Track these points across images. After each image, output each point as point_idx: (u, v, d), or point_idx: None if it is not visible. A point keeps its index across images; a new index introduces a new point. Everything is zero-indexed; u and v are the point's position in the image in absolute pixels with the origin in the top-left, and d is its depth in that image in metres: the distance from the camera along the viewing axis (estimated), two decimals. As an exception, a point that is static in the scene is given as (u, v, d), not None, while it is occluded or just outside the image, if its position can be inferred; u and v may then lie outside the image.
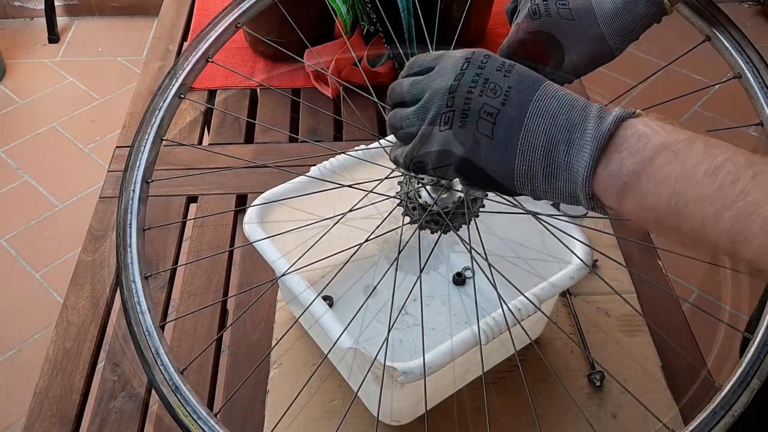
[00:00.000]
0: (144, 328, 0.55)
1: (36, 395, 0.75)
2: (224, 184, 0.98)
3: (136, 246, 0.58)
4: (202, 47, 0.63)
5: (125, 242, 0.58)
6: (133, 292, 0.56)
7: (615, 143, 0.42)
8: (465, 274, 0.85)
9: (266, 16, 1.10)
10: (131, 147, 0.61)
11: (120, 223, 0.59)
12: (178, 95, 0.62)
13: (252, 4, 0.66)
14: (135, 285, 0.56)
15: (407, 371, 0.58)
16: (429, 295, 0.83)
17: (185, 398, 0.52)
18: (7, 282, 1.87)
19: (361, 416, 0.72)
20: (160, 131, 0.62)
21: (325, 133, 1.08)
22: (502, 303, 0.59)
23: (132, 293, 0.56)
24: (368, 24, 1.13)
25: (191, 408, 0.52)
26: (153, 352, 0.54)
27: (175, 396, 0.52)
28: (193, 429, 0.51)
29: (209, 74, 1.19)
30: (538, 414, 0.72)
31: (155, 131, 0.61)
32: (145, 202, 0.60)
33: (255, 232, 0.69)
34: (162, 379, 0.53)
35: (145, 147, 0.60)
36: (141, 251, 0.58)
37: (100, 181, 0.97)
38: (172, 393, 0.52)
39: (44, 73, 2.54)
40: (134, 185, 0.60)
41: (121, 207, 0.59)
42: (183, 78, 0.62)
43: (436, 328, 0.80)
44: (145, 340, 0.54)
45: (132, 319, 0.55)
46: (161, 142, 0.62)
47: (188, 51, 0.64)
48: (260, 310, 0.83)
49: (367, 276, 0.81)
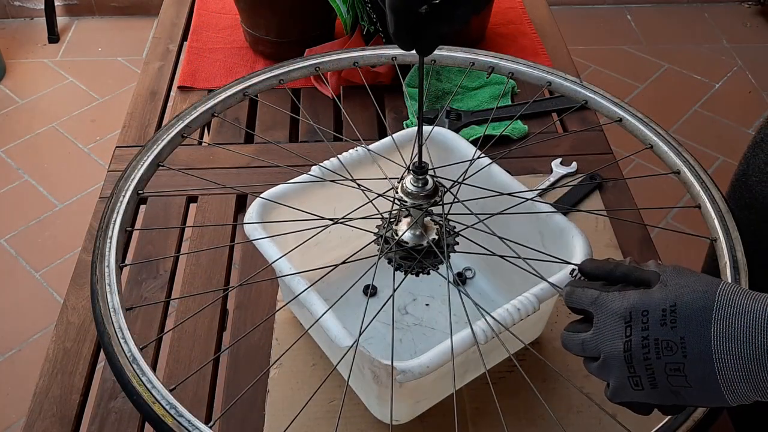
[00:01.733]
0: (110, 306, 0.56)
1: (36, 395, 0.75)
2: (224, 184, 0.98)
3: (116, 240, 0.61)
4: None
5: (106, 235, 0.61)
6: (106, 275, 0.58)
7: None
8: (465, 275, 0.85)
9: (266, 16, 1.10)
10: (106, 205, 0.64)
11: (103, 221, 0.62)
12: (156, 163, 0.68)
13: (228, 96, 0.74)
14: (108, 269, 0.58)
15: (406, 370, 0.58)
16: (429, 295, 0.83)
17: (141, 369, 0.53)
18: (7, 282, 1.87)
19: (361, 416, 0.72)
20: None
21: (325, 133, 1.08)
22: (484, 314, 0.59)
23: (104, 276, 0.58)
24: (368, 24, 1.13)
25: (146, 378, 0.52)
26: (115, 327, 0.55)
27: (131, 366, 0.53)
28: (146, 396, 0.52)
29: (209, 74, 1.19)
30: (538, 414, 0.72)
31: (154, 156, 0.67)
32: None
33: (255, 232, 0.69)
34: (120, 351, 0.53)
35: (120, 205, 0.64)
36: (120, 246, 0.61)
37: (100, 181, 0.97)
38: (129, 364, 0.53)
39: (44, 73, 2.54)
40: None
41: (108, 209, 0.64)
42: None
43: (436, 328, 0.80)
44: (110, 317, 0.55)
45: (99, 299, 0.56)
46: (157, 167, 0.67)
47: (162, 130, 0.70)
48: (260, 310, 0.83)
49: (367, 276, 0.81)
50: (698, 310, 0.43)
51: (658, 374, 0.45)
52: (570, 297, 0.50)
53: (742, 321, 0.42)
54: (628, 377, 0.46)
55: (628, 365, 0.46)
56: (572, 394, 0.74)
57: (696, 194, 0.66)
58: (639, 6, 2.88)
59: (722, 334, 0.43)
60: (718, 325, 0.43)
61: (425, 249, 0.59)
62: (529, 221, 0.73)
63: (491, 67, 0.76)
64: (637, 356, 0.45)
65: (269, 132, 1.09)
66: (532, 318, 0.65)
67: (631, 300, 0.46)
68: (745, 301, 0.43)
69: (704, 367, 0.43)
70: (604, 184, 0.97)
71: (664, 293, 0.45)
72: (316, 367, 0.76)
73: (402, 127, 1.05)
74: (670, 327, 0.44)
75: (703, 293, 0.44)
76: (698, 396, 0.45)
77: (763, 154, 0.78)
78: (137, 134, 1.08)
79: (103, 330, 0.55)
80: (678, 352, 0.43)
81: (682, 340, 0.43)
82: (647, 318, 0.45)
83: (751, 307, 0.42)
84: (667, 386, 0.45)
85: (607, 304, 0.47)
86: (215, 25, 1.30)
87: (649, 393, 0.46)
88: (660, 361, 0.44)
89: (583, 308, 0.49)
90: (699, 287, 0.44)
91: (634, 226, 0.92)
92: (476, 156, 0.75)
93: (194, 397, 0.75)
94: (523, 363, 0.76)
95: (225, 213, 0.95)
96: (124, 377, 0.52)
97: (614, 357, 0.46)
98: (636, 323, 0.45)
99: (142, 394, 0.51)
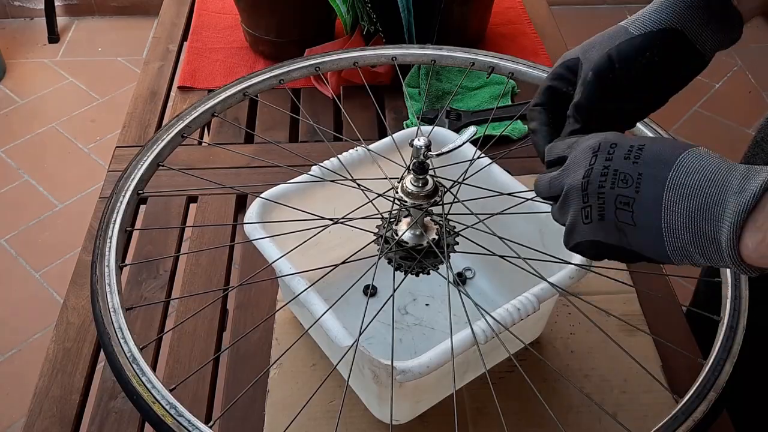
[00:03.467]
0: (110, 306, 0.56)
1: (36, 395, 0.75)
2: (224, 184, 0.98)
3: (116, 240, 0.61)
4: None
5: (106, 235, 0.61)
6: (105, 275, 0.58)
7: (765, 209, 0.39)
8: (465, 275, 0.85)
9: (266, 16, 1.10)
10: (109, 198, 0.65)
11: (104, 221, 0.62)
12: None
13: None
14: (109, 269, 0.58)
15: (406, 370, 0.58)
16: (429, 295, 0.83)
17: (141, 369, 0.53)
18: (7, 282, 1.87)
19: (361, 416, 0.72)
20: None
21: (325, 133, 1.08)
22: (484, 314, 0.59)
23: (104, 276, 0.58)
24: (368, 24, 1.13)
25: (146, 378, 0.52)
26: (115, 327, 0.55)
27: (131, 366, 0.53)
28: (146, 396, 0.52)
29: (209, 74, 1.19)
30: (538, 414, 0.72)
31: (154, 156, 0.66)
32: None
33: (255, 232, 0.69)
34: (120, 351, 0.53)
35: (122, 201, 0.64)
36: (120, 245, 0.61)
37: (100, 181, 0.97)
38: (129, 364, 0.53)
39: (44, 73, 2.54)
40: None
41: (108, 208, 0.63)
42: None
43: (436, 328, 0.80)
44: (110, 317, 0.55)
45: (99, 299, 0.56)
46: (157, 166, 0.66)
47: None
48: (260, 310, 0.83)
49: (368, 276, 0.81)
50: (664, 155, 0.44)
51: (608, 205, 0.45)
52: (551, 150, 0.51)
53: (699, 173, 0.42)
54: (581, 208, 0.46)
55: (583, 194, 0.46)
56: (572, 394, 0.74)
57: None
58: (639, 6, 2.85)
59: (676, 182, 0.42)
60: (676, 172, 0.43)
61: (425, 249, 0.59)
62: (529, 221, 0.73)
63: (491, 67, 0.75)
64: (594, 183, 0.45)
65: (269, 132, 1.09)
66: (532, 318, 0.65)
67: (604, 135, 0.47)
68: (711, 158, 0.43)
69: (652, 208, 0.43)
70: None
71: (637, 139, 0.46)
72: (316, 367, 0.76)
73: (402, 127, 1.05)
74: (633, 162, 0.44)
75: (672, 146, 0.44)
76: (641, 241, 0.44)
77: (764, 154, 0.78)
78: (137, 134, 1.08)
79: (103, 330, 0.55)
80: (632, 186, 0.44)
81: (639, 176, 0.44)
82: (614, 150, 0.45)
83: (714, 162, 0.42)
84: (613, 221, 0.45)
85: (581, 143, 0.48)
86: (215, 25, 1.30)
87: (596, 227, 0.46)
88: (613, 192, 0.44)
89: (560, 155, 0.50)
90: (671, 143, 0.45)
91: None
92: (476, 156, 0.75)
93: (194, 397, 0.75)
94: (523, 363, 0.76)
95: (225, 213, 0.95)
96: (124, 377, 0.52)
97: (573, 187, 0.47)
98: (602, 153, 0.46)
99: (142, 394, 0.51)
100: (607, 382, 0.75)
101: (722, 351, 0.55)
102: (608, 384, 0.75)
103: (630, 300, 0.83)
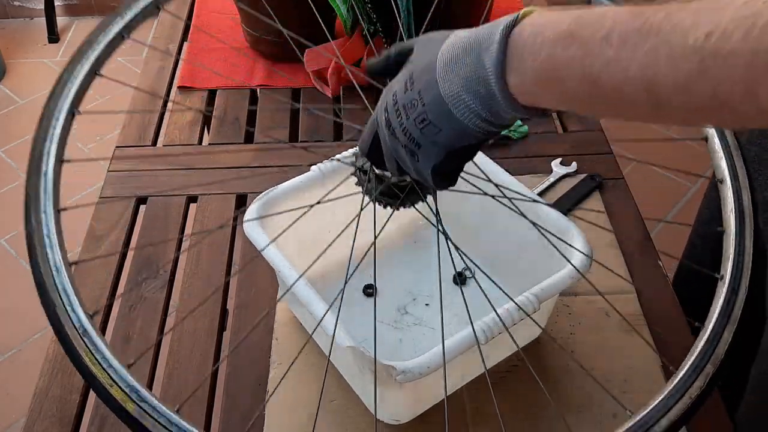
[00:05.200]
0: (51, 264, 0.46)
1: (36, 395, 0.75)
2: (224, 185, 0.98)
3: (53, 175, 0.50)
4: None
5: (39, 170, 0.50)
6: (43, 224, 0.48)
7: (515, 53, 0.42)
8: (465, 274, 0.85)
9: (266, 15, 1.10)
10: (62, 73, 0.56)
11: (35, 152, 0.51)
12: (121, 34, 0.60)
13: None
14: (46, 216, 0.49)
15: (406, 370, 0.58)
16: (429, 295, 0.83)
17: (94, 344, 0.45)
18: (7, 282, 1.87)
19: (361, 416, 0.72)
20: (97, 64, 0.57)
21: (325, 133, 1.08)
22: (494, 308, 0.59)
23: (41, 225, 0.48)
24: (368, 24, 1.13)
25: (101, 355, 0.44)
26: (60, 290, 0.45)
27: (82, 340, 0.44)
28: (101, 377, 0.44)
29: (209, 74, 1.19)
30: (538, 414, 0.72)
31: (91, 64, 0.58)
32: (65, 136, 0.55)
33: (255, 232, 0.69)
34: (68, 323, 0.44)
35: (77, 77, 0.56)
36: (57, 183, 0.51)
37: (100, 181, 0.97)
38: (79, 337, 0.44)
39: (44, 73, 2.54)
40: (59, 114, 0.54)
41: (40, 135, 0.52)
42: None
43: (436, 328, 0.80)
44: (51, 278, 0.45)
45: (37, 255, 0.46)
46: (94, 75, 0.58)
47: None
48: (260, 310, 0.83)
49: (368, 276, 0.81)
50: (428, 63, 0.45)
51: (417, 136, 0.46)
52: (362, 143, 0.53)
53: (453, 52, 0.44)
54: (409, 157, 0.48)
55: (395, 157, 0.49)
56: (572, 393, 0.74)
57: None
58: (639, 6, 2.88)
59: (442, 75, 0.44)
60: (439, 68, 0.44)
61: (409, 185, 0.58)
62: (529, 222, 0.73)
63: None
64: (401, 140, 0.47)
65: (269, 132, 1.09)
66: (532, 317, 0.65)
67: (383, 97, 0.49)
68: (461, 35, 0.45)
69: (439, 103, 0.44)
70: (604, 184, 0.97)
71: (407, 66, 0.48)
72: (316, 367, 0.76)
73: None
74: (410, 89, 0.46)
75: (438, 42, 0.46)
76: (449, 134, 0.45)
77: (755, 147, 0.78)
78: (137, 134, 1.08)
79: (46, 296, 0.44)
80: (418, 104, 0.45)
81: (419, 94, 0.45)
82: (395, 98, 0.47)
83: (464, 36, 0.44)
84: (428, 141, 0.46)
85: (371, 121, 0.51)
86: (215, 25, 1.30)
87: (425, 157, 0.47)
88: (410, 121, 0.46)
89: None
90: (435, 42, 0.46)
91: (634, 226, 0.92)
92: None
93: (194, 397, 0.75)
94: (523, 363, 0.76)
95: (225, 213, 0.95)
96: (75, 354, 0.44)
97: (391, 149, 0.49)
98: (391, 116, 0.47)
99: (97, 374, 0.44)
100: (607, 382, 0.75)
101: (722, 316, 0.50)
102: (608, 384, 0.75)
103: (630, 300, 0.83)
